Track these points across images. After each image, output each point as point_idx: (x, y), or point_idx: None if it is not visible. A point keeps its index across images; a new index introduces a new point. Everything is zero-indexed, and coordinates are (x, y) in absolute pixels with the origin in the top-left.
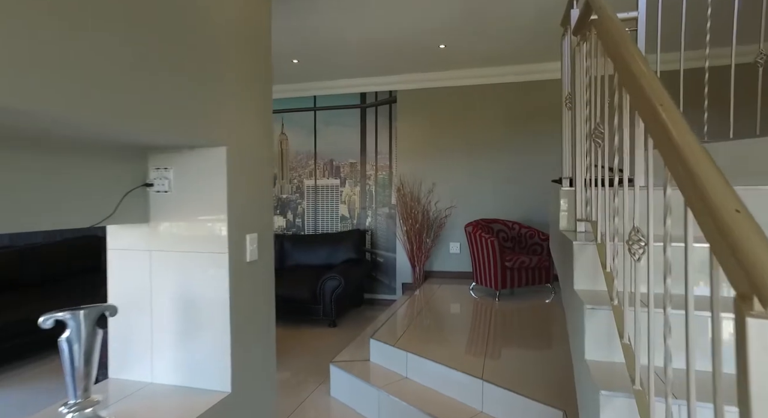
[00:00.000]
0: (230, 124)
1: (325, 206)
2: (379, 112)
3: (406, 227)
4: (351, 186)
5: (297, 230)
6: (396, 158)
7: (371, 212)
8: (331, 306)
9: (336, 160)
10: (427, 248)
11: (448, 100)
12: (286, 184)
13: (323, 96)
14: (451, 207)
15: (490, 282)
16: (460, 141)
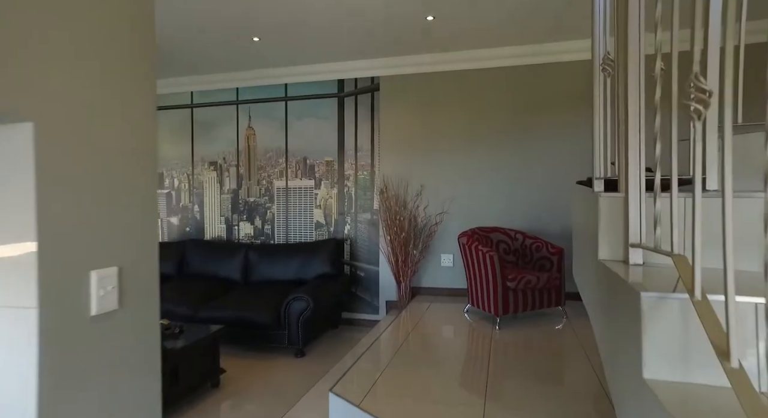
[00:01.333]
0: (43, 85)
1: (298, 211)
2: (360, 101)
3: (390, 236)
4: (327, 188)
5: (266, 238)
6: (379, 156)
7: (350, 219)
8: (297, 332)
9: (310, 158)
10: (414, 260)
11: (440, 87)
12: (254, 186)
13: (296, 84)
14: (443, 213)
15: (488, 306)
16: (453, 136)
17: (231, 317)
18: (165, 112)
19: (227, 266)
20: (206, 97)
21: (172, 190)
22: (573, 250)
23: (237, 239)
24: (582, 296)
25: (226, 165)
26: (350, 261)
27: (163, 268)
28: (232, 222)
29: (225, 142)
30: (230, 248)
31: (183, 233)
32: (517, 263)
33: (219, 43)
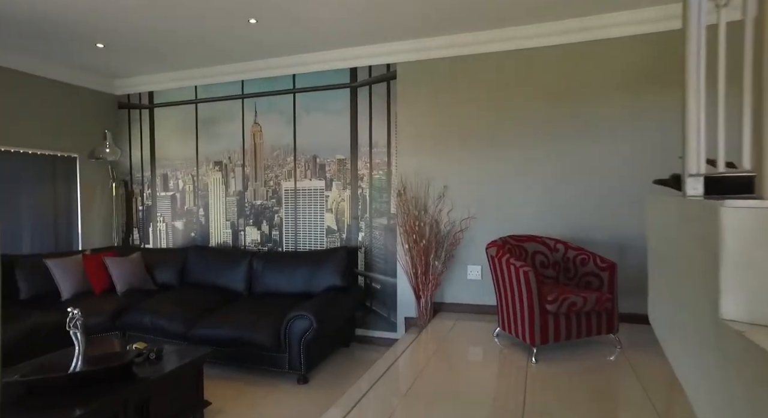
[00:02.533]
0: None
1: (308, 216)
2: (375, 92)
3: (409, 244)
4: (339, 190)
5: (274, 245)
6: (396, 153)
7: (365, 224)
8: (299, 355)
9: (320, 157)
10: (436, 272)
11: (465, 74)
12: (260, 188)
13: (305, 75)
14: (469, 218)
15: (522, 333)
16: (481, 130)
17: (226, 337)
18: (168, 110)
19: (230, 275)
20: (210, 92)
21: (176, 192)
22: (650, 278)
23: (243, 245)
24: (666, 352)
25: (232, 165)
26: (365, 272)
27: (163, 277)
28: (238, 227)
29: (230, 140)
30: (234, 256)
31: (188, 239)
32: (557, 279)
33: (217, 29)
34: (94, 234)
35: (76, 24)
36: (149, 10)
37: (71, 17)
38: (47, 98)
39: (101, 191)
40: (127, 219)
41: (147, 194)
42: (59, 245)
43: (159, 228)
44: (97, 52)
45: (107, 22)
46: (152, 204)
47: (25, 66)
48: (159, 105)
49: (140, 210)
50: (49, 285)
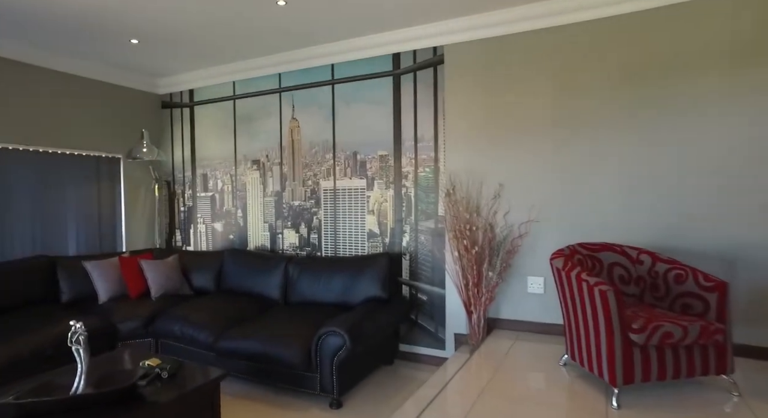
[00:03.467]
0: None
1: (347, 218)
2: (420, 79)
3: (459, 251)
4: (381, 189)
5: (312, 249)
6: (444, 148)
7: (410, 227)
8: (332, 377)
9: (361, 153)
10: (490, 284)
11: (524, 53)
12: (298, 188)
13: (344, 64)
14: (530, 222)
15: (598, 367)
16: (544, 118)
17: (253, 352)
18: (207, 107)
19: (265, 281)
20: (248, 87)
21: (216, 193)
22: None
23: (281, 249)
24: None
25: (269, 163)
26: (410, 281)
27: (200, 281)
28: (276, 229)
29: (268, 138)
30: (269, 261)
31: (227, 241)
32: (641, 299)
33: (246, 15)
34: (137, 236)
35: (108, 20)
36: (178, 1)
37: (103, 14)
38: (93, 99)
39: (145, 192)
40: (170, 220)
41: (188, 195)
42: (103, 246)
43: (199, 230)
44: (133, 49)
45: (139, 17)
46: (193, 205)
47: (70, 68)
48: (198, 103)
49: (182, 211)
50: (88, 288)
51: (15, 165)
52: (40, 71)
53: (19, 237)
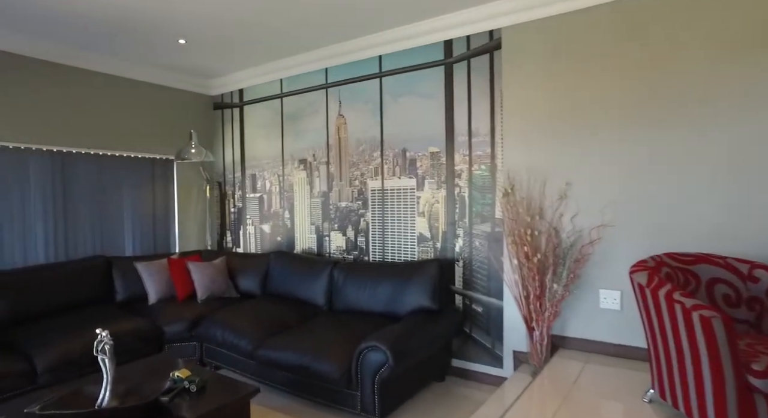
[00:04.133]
0: None
1: (396, 220)
2: (474, 68)
3: (518, 259)
4: (432, 189)
5: (360, 253)
6: (501, 143)
7: (463, 231)
8: (373, 396)
9: (411, 150)
10: (555, 297)
11: (595, 32)
12: (345, 188)
13: (392, 55)
14: (603, 227)
15: (699, 414)
16: (621, 106)
17: (292, 363)
18: (256, 107)
19: (310, 286)
20: (295, 84)
21: (264, 193)
22: None
23: (328, 252)
24: None
25: (316, 163)
26: (463, 290)
27: (246, 284)
28: (323, 232)
29: (314, 136)
30: (314, 265)
31: (275, 243)
32: (757, 328)
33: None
34: (189, 236)
35: (155, 21)
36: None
37: (150, 15)
38: (148, 102)
39: (197, 193)
40: (221, 221)
41: (238, 196)
42: (158, 246)
43: (248, 231)
44: (182, 50)
45: (185, 17)
46: (242, 206)
47: (124, 71)
48: (247, 102)
49: (232, 212)
50: (140, 288)
51: (76, 168)
52: (97, 75)
53: (81, 238)
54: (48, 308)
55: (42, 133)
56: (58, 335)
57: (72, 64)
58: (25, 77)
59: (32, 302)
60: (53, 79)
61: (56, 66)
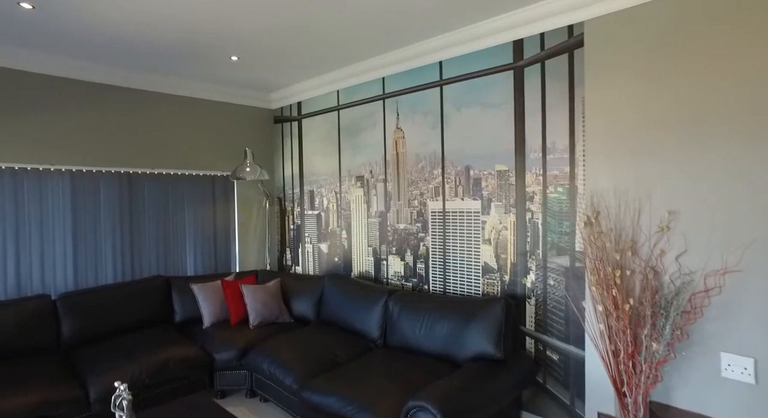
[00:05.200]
0: None
1: (458, 247)
2: (550, 72)
3: (604, 304)
4: (500, 213)
5: (419, 281)
6: (584, 161)
7: (536, 263)
8: None
9: (475, 168)
10: (653, 357)
11: (702, 23)
12: (404, 208)
13: (454, 60)
14: (725, 272)
15: None
16: (741, 114)
17: (336, 412)
18: (314, 120)
19: (363, 316)
20: (352, 95)
21: (321, 211)
22: None
23: (386, 278)
24: None
25: (373, 180)
26: (535, 332)
27: (300, 308)
28: (380, 255)
29: (372, 151)
30: (370, 293)
31: (332, 265)
32: None
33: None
34: (250, 255)
35: (207, 40)
36: (271, 11)
37: (201, 35)
38: (209, 119)
39: (257, 210)
40: (281, 238)
41: (297, 212)
42: (218, 266)
43: (307, 250)
44: (236, 66)
45: (233, 34)
46: (301, 223)
47: (184, 90)
48: (306, 116)
49: (292, 229)
50: (197, 310)
51: (141, 188)
52: (159, 96)
53: (146, 257)
54: (112, 328)
55: (110, 156)
56: (114, 360)
57: (135, 86)
58: (92, 103)
59: (97, 322)
60: (119, 102)
61: (120, 90)
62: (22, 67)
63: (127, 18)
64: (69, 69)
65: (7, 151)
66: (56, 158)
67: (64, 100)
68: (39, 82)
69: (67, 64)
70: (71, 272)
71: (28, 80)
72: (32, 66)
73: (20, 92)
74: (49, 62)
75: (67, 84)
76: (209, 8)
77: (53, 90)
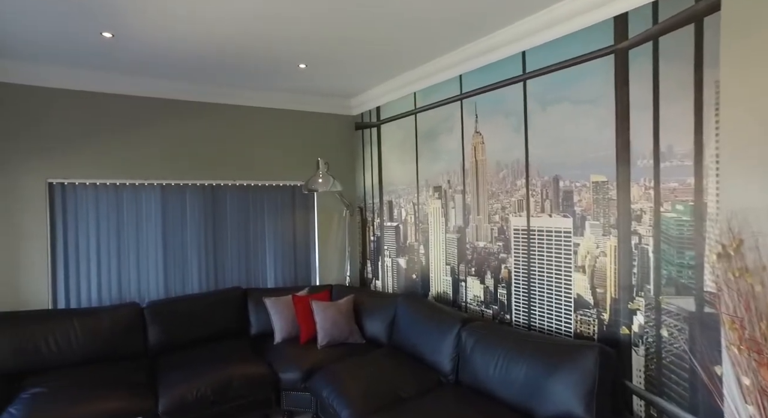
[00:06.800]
0: None
1: (545, 272)
2: (665, 51)
3: (753, 376)
4: (596, 235)
5: (500, 309)
6: (717, 170)
7: (645, 303)
8: None
9: (565, 178)
10: None
11: None
12: (483, 224)
13: (538, 49)
14: None
15: None
16: None
17: None
18: (391, 125)
19: (435, 345)
20: (429, 97)
21: (399, 223)
22: None
23: (464, 302)
24: None
25: (451, 191)
26: (646, 392)
27: (373, 328)
28: (458, 275)
29: (449, 158)
30: (443, 319)
31: (410, 282)
32: None
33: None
34: (330, 267)
35: (273, 51)
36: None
37: (265, 45)
38: (288, 128)
39: (338, 221)
40: (362, 250)
41: (377, 223)
42: (299, 278)
43: (386, 264)
44: (306, 74)
45: (298, 42)
46: (381, 235)
47: (262, 101)
48: (384, 121)
49: (372, 241)
50: (270, 324)
51: (223, 199)
52: (238, 109)
53: (228, 268)
54: (192, 337)
55: (194, 169)
56: (184, 373)
57: (213, 101)
58: (175, 119)
59: (179, 331)
60: (198, 117)
61: (198, 104)
62: (108, 90)
63: (196, 37)
64: (150, 88)
65: (106, 169)
66: (149, 173)
67: (150, 118)
68: (126, 102)
69: (149, 84)
70: (162, 281)
71: (116, 102)
72: (117, 88)
73: (110, 113)
74: (131, 83)
75: (150, 103)
76: (278, 22)
77: (139, 109)
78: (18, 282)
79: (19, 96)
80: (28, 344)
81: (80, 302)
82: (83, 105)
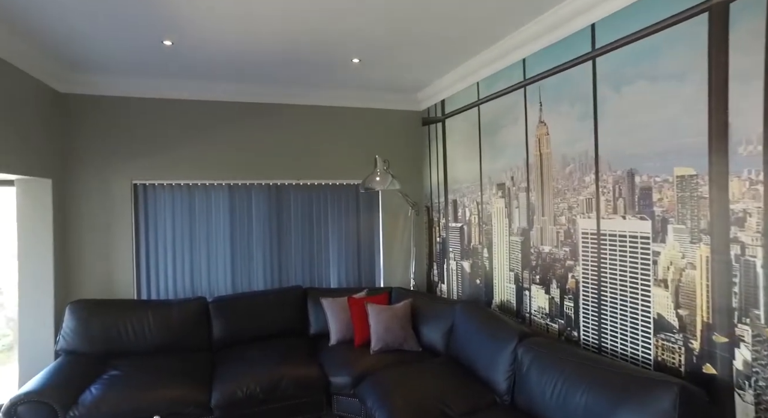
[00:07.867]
0: None
1: (618, 285)
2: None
3: None
4: (683, 242)
5: (566, 324)
6: None
7: (752, 332)
8: None
9: (641, 172)
10: None
11: None
12: (549, 225)
13: (610, 19)
14: None
15: None
16: None
17: None
18: (456, 119)
19: (491, 360)
20: (491, 86)
21: (464, 224)
22: None
23: (527, 312)
24: None
25: (515, 189)
26: None
27: (430, 336)
28: (522, 282)
29: (513, 152)
30: (500, 332)
31: (474, 287)
32: None
33: None
34: (395, 269)
35: (325, 47)
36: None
37: (318, 41)
38: (351, 126)
39: (403, 221)
40: (429, 252)
41: (443, 224)
42: (363, 279)
43: (451, 267)
44: (362, 68)
45: (350, 37)
46: (446, 236)
47: (323, 99)
48: (449, 115)
49: (437, 242)
50: (327, 325)
51: (288, 198)
52: (299, 108)
53: (292, 266)
54: (253, 333)
55: (259, 168)
56: (239, 369)
57: (275, 101)
58: (240, 121)
59: (241, 326)
60: (262, 117)
61: (261, 106)
62: (176, 96)
63: (253, 38)
64: (212, 92)
65: (180, 170)
66: (217, 174)
67: (215, 121)
68: (193, 107)
69: (210, 88)
70: (230, 277)
71: (185, 107)
72: (184, 94)
73: (181, 118)
74: (196, 87)
75: (214, 107)
76: (332, 18)
77: (205, 114)
78: (111, 274)
79: (107, 105)
80: (113, 330)
81: (159, 294)
82: (158, 111)
